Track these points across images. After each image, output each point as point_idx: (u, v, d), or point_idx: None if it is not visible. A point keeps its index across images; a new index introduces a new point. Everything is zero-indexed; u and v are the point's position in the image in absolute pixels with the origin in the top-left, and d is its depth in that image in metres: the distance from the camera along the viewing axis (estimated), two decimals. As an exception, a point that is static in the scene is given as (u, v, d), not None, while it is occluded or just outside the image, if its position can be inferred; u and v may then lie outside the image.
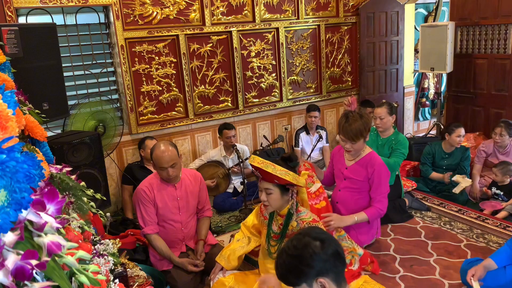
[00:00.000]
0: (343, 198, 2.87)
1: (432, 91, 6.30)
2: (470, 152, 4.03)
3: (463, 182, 3.71)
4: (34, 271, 0.63)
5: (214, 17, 4.27)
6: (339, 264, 1.40)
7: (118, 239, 1.81)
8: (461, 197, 3.74)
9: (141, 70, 4.00)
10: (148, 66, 4.03)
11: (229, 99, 4.57)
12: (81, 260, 0.78)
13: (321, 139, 4.42)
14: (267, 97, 4.82)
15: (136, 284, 1.94)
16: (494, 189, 3.74)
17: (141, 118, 4.10)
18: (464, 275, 2.36)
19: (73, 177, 1.32)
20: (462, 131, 3.92)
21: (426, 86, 6.41)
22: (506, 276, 2.15)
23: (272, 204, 2.09)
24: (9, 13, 3.23)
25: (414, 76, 6.17)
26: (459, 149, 3.98)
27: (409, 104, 6.08)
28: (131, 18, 3.85)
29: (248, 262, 2.71)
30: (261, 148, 4.65)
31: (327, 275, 1.37)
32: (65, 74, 3.03)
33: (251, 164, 2.05)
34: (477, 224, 3.22)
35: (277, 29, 4.67)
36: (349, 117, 2.69)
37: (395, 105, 4.06)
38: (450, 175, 3.83)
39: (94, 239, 1.31)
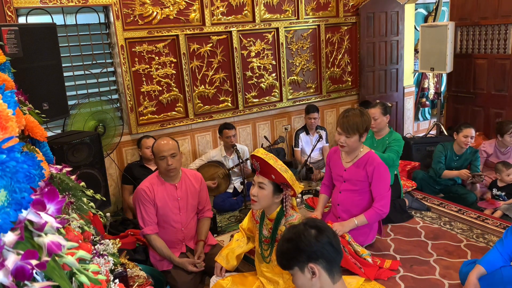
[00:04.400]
0: (343, 200, 2.85)
1: (432, 91, 6.30)
2: (482, 158, 3.92)
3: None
4: (34, 271, 0.63)
5: (214, 17, 4.27)
6: (332, 253, 1.44)
7: (118, 239, 1.81)
8: (471, 198, 3.70)
9: (141, 70, 4.00)
10: (148, 66, 4.03)
11: (229, 99, 4.57)
12: (81, 260, 0.78)
13: (321, 139, 4.42)
14: (267, 97, 4.82)
15: (136, 284, 1.94)
16: (495, 190, 3.73)
17: (141, 118, 4.10)
18: (462, 277, 2.35)
19: (73, 177, 1.32)
20: (470, 131, 3.76)
21: (426, 86, 6.41)
22: (503, 278, 2.13)
23: (260, 200, 2.05)
24: (9, 13, 3.23)
25: (414, 76, 6.17)
26: (469, 151, 3.87)
27: (409, 104, 6.08)
28: (131, 18, 3.85)
29: (248, 262, 2.71)
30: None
31: (318, 262, 1.41)
32: (65, 74, 3.03)
33: (253, 156, 2.02)
34: (477, 224, 3.22)
35: (277, 29, 4.67)
36: (350, 111, 2.70)
37: (389, 105, 4.04)
38: (469, 173, 3.73)
39: (94, 239, 1.31)
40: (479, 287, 2.15)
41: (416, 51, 5.90)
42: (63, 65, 2.90)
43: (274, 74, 4.81)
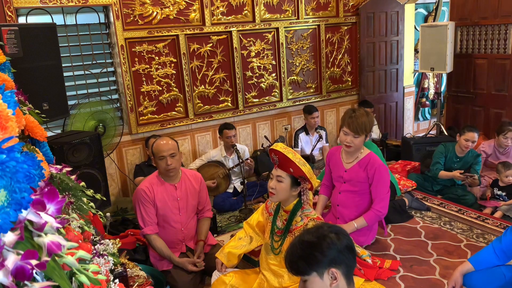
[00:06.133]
0: (343, 201, 2.85)
1: (432, 91, 6.30)
2: (481, 158, 3.88)
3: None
4: (34, 271, 0.63)
5: (214, 17, 4.27)
6: (352, 258, 1.41)
7: (118, 239, 1.81)
8: (469, 200, 3.68)
9: (141, 70, 4.00)
10: (148, 66, 4.03)
11: (229, 99, 4.57)
12: (81, 260, 0.78)
13: (321, 139, 4.42)
14: (267, 97, 4.82)
15: (136, 284, 1.94)
16: (496, 190, 3.73)
17: (141, 118, 4.10)
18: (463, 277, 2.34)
19: (73, 177, 1.32)
20: (473, 136, 3.71)
21: (426, 86, 6.41)
22: (506, 278, 2.12)
23: (278, 193, 2.11)
24: (9, 13, 3.23)
25: (414, 76, 6.17)
26: (471, 154, 3.83)
27: (409, 104, 6.08)
28: (131, 18, 3.85)
29: (248, 262, 2.71)
30: (262, 148, 4.65)
31: (339, 267, 1.38)
32: (65, 74, 3.03)
33: (272, 149, 2.08)
34: (477, 224, 3.22)
35: (277, 29, 4.67)
36: (356, 111, 2.70)
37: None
38: (461, 172, 3.70)
39: (94, 239, 1.31)
40: (459, 283, 2.14)
41: (416, 51, 5.90)
42: (63, 65, 2.91)
43: (274, 74, 4.81)
